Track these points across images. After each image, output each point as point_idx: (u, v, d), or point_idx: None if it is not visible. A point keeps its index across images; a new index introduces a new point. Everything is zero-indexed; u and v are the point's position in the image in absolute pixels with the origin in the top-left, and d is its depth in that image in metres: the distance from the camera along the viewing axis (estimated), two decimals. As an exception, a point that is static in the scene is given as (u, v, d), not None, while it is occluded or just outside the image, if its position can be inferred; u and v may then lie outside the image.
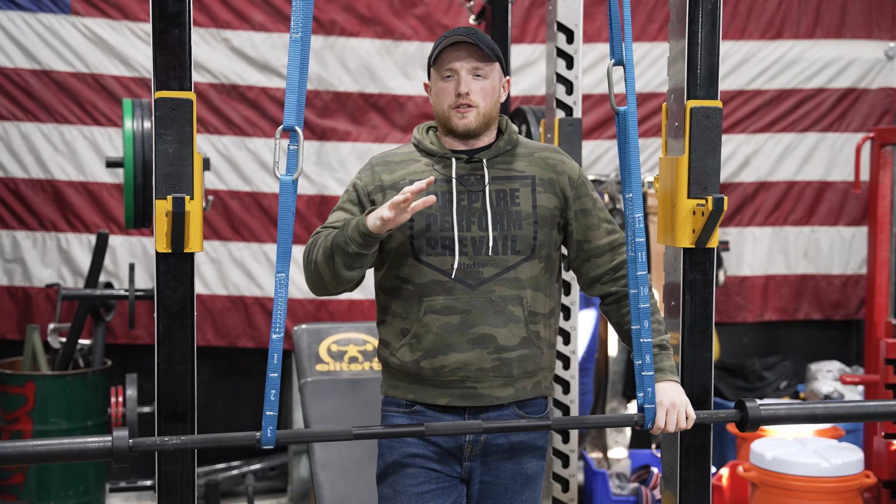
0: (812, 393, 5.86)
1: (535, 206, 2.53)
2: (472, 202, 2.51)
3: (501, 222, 2.51)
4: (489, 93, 2.52)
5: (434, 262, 2.49)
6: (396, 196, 2.32)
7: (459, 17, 5.89)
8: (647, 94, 6.10)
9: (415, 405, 2.56)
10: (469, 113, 2.50)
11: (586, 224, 2.59)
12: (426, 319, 2.50)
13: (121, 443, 2.25)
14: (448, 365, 2.49)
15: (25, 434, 4.82)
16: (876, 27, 6.35)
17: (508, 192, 2.53)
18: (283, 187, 2.24)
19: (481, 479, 2.58)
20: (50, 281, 5.59)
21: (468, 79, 2.49)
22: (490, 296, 2.48)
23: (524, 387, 2.56)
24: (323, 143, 5.84)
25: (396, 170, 2.56)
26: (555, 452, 3.80)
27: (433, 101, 2.57)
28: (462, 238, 2.49)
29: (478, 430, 2.43)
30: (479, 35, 2.50)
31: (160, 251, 2.42)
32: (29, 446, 2.27)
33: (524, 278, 2.51)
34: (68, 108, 5.61)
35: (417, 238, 2.50)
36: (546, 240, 2.54)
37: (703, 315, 2.67)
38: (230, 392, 5.91)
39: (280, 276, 2.25)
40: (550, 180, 2.56)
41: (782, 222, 6.37)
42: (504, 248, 2.50)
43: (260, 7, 5.75)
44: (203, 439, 2.33)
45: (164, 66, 2.40)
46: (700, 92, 2.62)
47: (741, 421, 2.59)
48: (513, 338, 2.50)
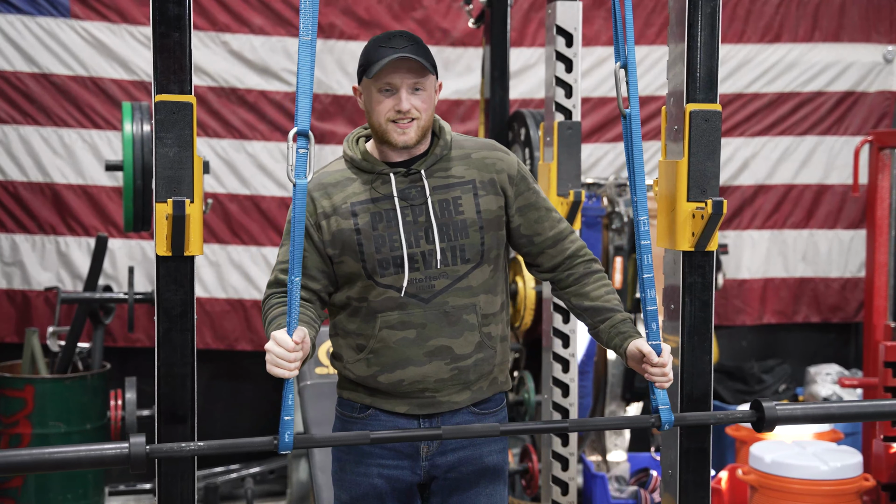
0: (811, 396, 5.86)
1: (479, 210, 2.49)
2: (417, 216, 2.47)
3: (448, 233, 2.47)
4: (428, 104, 2.46)
5: (389, 281, 2.47)
6: (287, 341, 2.19)
7: (458, 21, 5.90)
8: (645, 97, 6.10)
9: (369, 409, 2.56)
10: (409, 128, 2.43)
11: (533, 218, 2.56)
12: (382, 335, 2.48)
13: (138, 449, 2.22)
14: (406, 378, 2.49)
15: (24, 437, 4.81)
16: (874, 30, 6.36)
17: (451, 200, 2.49)
18: (297, 191, 2.18)
19: (445, 476, 2.58)
20: (49, 284, 5.59)
21: (408, 95, 2.42)
22: (444, 307, 2.47)
23: (480, 388, 2.56)
24: (322, 146, 5.85)
25: (334, 193, 2.50)
26: (554, 455, 3.80)
27: (368, 109, 2.47)
28: (412, 255, 2.46)
29: (494, 433, 2.43)
30: (416, 46, 2.43)
31: (160, 254, 2.41)
32: (44, 454, 2.23)
33: (476, 285, 2.50)
34: (67, 111, 5.61)
35: (369, 261, 2.46)
36: (493, 242, 2.52)
37: (703, 318, 2.67)
38: (229, 395, 5.91)
39: (294, 280, 2.22)
40: (491, 181, 2.52)
41: (781, 225, 6.37)
42: (454, 259, 2.48)
43: (259, 11, 5.75)
44: (221, 445, 2.32)
45: (164, 69, 2.40)
46: (699, 95, 2.62)
47: (757, 421, 2.55)
48: (468, 346, 2.50)
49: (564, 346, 3.77)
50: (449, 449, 2.56)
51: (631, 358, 2.44)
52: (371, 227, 2.46)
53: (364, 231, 2.46)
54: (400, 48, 2.40)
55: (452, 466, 2.57)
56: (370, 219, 2.47)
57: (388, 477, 2.56)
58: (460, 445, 2.57)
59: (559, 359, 3.78)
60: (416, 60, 2.40)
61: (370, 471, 2.56)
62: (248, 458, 5.69)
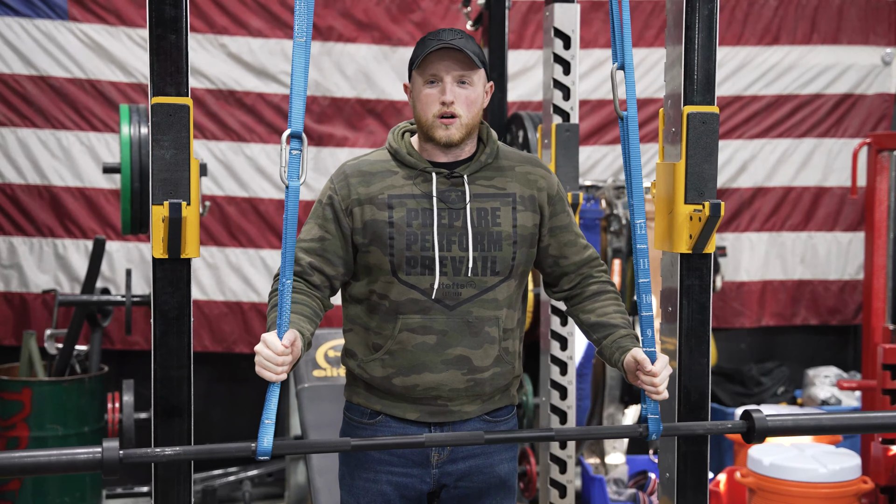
0: (809, 398, 5.85)
1: (516, 225, 2.48)
2: (454, 220, 2.44)
3: (482, 243, 2.44)
4: (473, 101, 2.44)
5: (413, 281, 2.44)
6: (276, 344, 2.19)
7: (456, 23, 5.89)
8: (644, 99, 6.10)
9: (379, 415, 2.53)
10: (452, 125, 2.41)
11: (563, 241, 2.55)
12: (401, 337, 2.46)
13: (111, 454, 2.17)
14: (421, 384, 2.47)
15: (22, 440, 4.81)
16: (872, 33, 6.36)
17: (490, 210, 2.46)
18: (290, 193, 2.18)
19: (456, 485, 2.56)
20: (47, 287, 5.58)
21: (453, 87, 2.41)
22: (467, 317, 2.45)
23: (493, 399, 2.55)
24: (320, 148, 5.84)
25: (373, 182, 2.47)
26: (552, 458, 3.79)
27: (415, 105, 2.47)
28: (443, 258, 2.43)
29: (479, 441, 2.41)
30: (466, 39, 2.42)
31: (157, 257, 2.41)
32: (15, 458, 2.17)
33: (501, 299, 2.48)
34: (65, 113, 5.61)
35: (397, 256, 2.43)
36: (523, 259, 2.50)
37: (701, 320, 2.66)
38: (227, 398, 5.90)
39: (286, 283, 2.22)
40: (531, 197, 2.51)
41: (779, 228, 6.37)
42: (483, 270, 2.45)
43: (257, 13, 5.75)
44: (197, 450, 2.29)
45: (160, 71, 2.39)
46: (697, 97, 2.62)
47: (747, 432, 2.53)
48: (487, 358, 2.48)
49: (562, 349, 3.77)
50: (460, 457, 2.54)
51: (628, 369, 2.40)
52: (405, 223, 2.43)
53: (398, 225, 2.43)
54: (448, 40, 2.40)
55: (463, 475, 2.55)
56: (406, 214, 2.43)
57: (396, 484, 2.54)
58: (471, 454, 2.55)
59: (557, 361, 3.77)
60: (463, 52, 2.39)
61: (379, 477, 2.54)
62: (246, 461, 5.69)
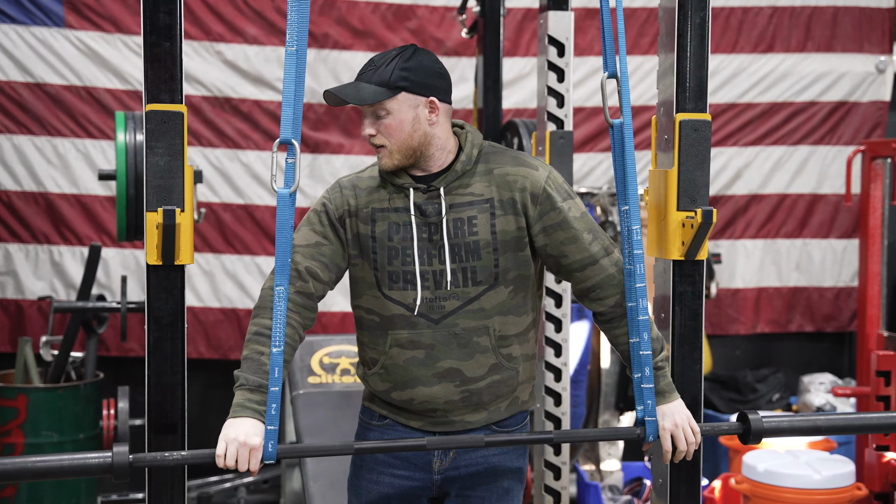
0: (804, 405, 5.86)
1: (495, 231, 2.42)
2: (433, 234, 2.43)
3: (459, 254, 2.42)
4: (396, 128, 2.39)
5: (396, 296, 2.45)
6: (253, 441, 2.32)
7: (452, 31, 5.91)
8: (638, 107, 6.12)
9: (387, 419, 2.57)
10: (382, 154, 2.43)
11: (560, 238, 2.44)
12: (392, 352, 2.47)
13: (121, 458, 2.22)
14: (416, 398, 2.48)
15: (17, 447, 4.80)
16: (866, 41, 6.38)
17: (466, 220, 2.42)
18: (280, 201, 2.22)
19: (459, 493, 2.57)
20: (42, 293, 5.58)
21: (370, 121, 2.42)
22: (453, 329, 2.44)
23: (498, 408, 2.54)
24: (316, 155, 5.86)
25: (361, 195, 2.49)
26: (546, 465, 3.80)
27: None
28: (424, 272, 2.42)
29: (479, 444, 2.42)
30: (375, 72, 2.38)
31: (151, 263, 2.42)
32: (28, 462, 2.22)
33: (489, 307, 2.44)
34: (61, 120, 5.62)
35: (381, 271, 2.45)
36: (511, 264, 2.44)
37: (693, 327, 2.68)
38: (223, 405, 5.87)
39: (279, 290, 2.25)
40: (511, 200, 2.43)
41: (774, 235, 6.39)
42: (464, 281, 2.43)
43: (253, 20, 5.76)
44: (203, 455, 2.32)
45: (155, 78, 2.41)
46: (689, 105, 2.63)
47: (744, 433, 2.55)
48: (480, 368, 2.47)
49: (557, 356, 3.77)
50: (463, 464, 2.55)
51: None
52: (387, 237, 2.44)
53: (379, 240, 2.45)
54: (360, 76, 2.41)
55: (467, 484, 2.56)
56: (387, 228, 2.45)
57: (398, 486, 2.56)
58: (475, 462, 2.55)
59: (551, 368, 3.78)
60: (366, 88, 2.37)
61: (382, 479, 2.56)
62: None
